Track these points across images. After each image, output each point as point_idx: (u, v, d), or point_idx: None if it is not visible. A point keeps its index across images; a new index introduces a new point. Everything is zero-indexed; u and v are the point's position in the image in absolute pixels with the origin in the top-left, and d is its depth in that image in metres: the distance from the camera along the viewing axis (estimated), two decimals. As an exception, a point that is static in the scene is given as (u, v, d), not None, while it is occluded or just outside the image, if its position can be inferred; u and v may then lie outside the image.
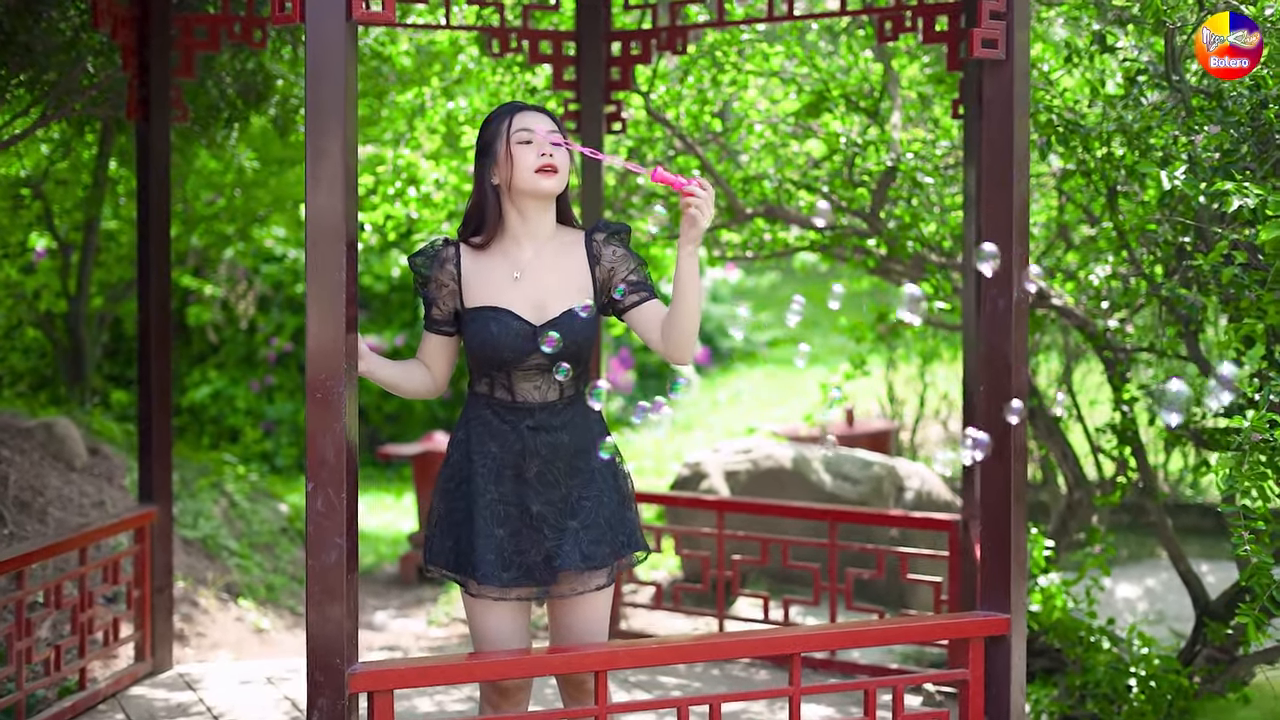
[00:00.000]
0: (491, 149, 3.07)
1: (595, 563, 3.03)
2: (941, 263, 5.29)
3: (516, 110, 3.08)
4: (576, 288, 3.08)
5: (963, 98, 4.51)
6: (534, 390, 3.05)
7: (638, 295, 3.07)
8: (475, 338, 3.04)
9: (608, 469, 3.10)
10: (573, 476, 3.06)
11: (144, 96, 4.60)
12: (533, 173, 3.02)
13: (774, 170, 5.59)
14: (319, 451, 2.77)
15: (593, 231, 3.13)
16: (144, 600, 4.67)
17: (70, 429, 6.23)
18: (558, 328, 3.02)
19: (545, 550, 3.02)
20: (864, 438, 7.64)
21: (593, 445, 3.09)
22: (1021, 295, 3.28)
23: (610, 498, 3.09)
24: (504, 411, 3.06)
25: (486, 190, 3.08)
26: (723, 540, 4.99)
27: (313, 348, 2.77)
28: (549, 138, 3.05)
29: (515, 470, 3.04)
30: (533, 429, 3.04)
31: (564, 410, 3.07)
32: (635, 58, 5.02)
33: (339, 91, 2.77)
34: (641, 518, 3.22)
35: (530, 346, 3.02)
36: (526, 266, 3.08)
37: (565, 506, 3.04)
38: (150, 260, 4.65)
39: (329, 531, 2.78)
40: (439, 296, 3.10)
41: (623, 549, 3.09)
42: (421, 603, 6.86)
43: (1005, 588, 3.27)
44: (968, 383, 4.49)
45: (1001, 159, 3.25)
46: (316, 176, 2.78)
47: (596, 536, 3.04)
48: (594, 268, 3.09)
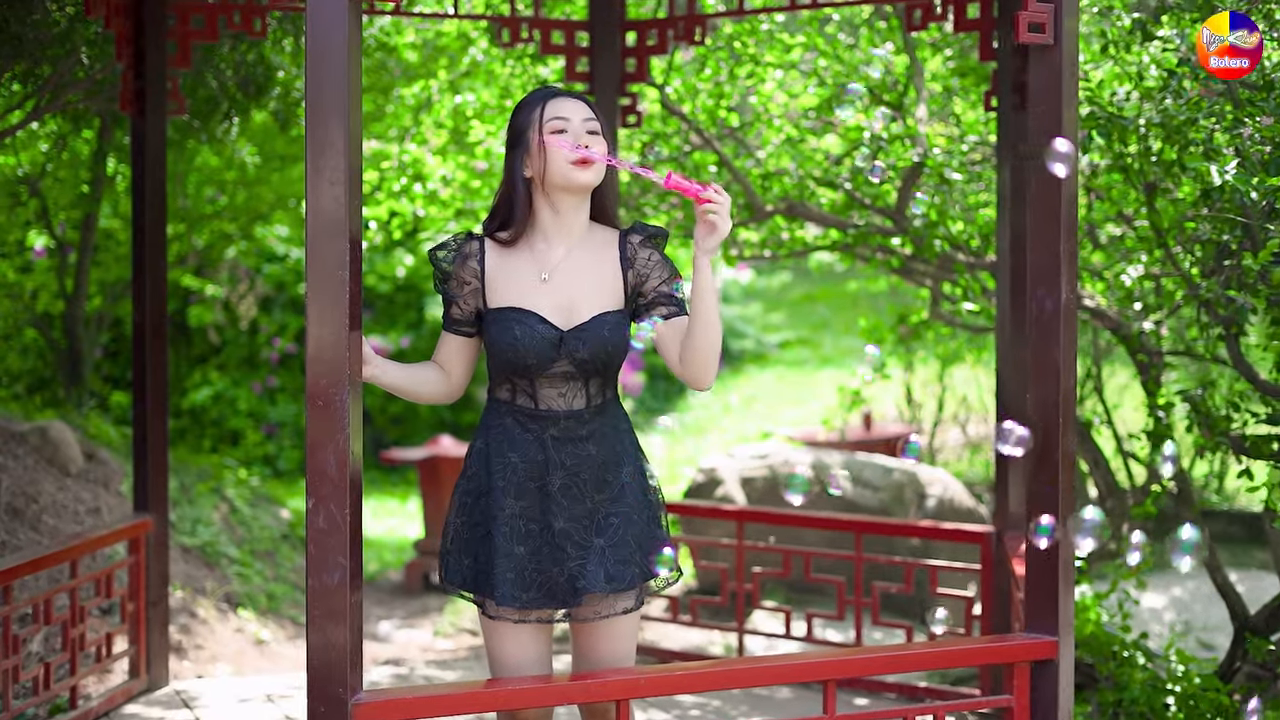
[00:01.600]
0: (524, 138, 2.85)
1: (621, 584, 2.81)
2: (970, 262, 5.08)
3: (550, 97, 2.86)
4: (608, 292, 2.86)
5: (996, 89, 4.30)
6: (559, 398, 2.84)
7: (665, 308, 2.86)
8: (497, 341, 2.83)
9: (637, 484, 2.89)
10: (600, 491, 2.84)
11: (139, 88, 4.40)
12: (567, 165, 2.81)
13: (795, 166, 5.38)
14: (320, 464, 2.57)
15: (628, 233, 2.92)
16: (139, 614, 4.47)
17: (65, 433, 6.03)
18: (586, 335, 2.81)
19: (568, 570, 2.80)
20: (882, 443, 7.44)
21: (622, 458, 2.87)
22: (1070, 296, 3.08)
23: (640, 515, 2.87)
24: (526, 420, 2.85)
25: (517, 182, 2.87)
26: (742, 551, 4.78)
27: (313, 351, 2.57)
28: (585, 126, 2.83)
29: (538, 483, 2.83)
30: (557, 439, 2.83)
31: (591, 420, 2.86)
32: (651, 49, 4.82)
33: (341, 77, 2.57)
34: (671, 537, 3.00)
35: (555, 354, 2.81)
36: (556, 267, 2.87)
37: (591, 523, 2.83)
38: (146, 259, 4.45)
39: (331, 550, 2.58)
40: (460, 294, 2.89)
41: (653, 571, 2.87)
42: (427, 612, 6.67)
43: (1053, 609, 3.07)
44: (1001, 387, 4.29)
45: (1047, 148, 3.05)
46: (318, 168, 2.58)
47: (624, 556, 2.82)
48: (626, 271, 2.88)
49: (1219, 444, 5.25)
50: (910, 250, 5.27)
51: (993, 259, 5.17)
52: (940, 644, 3.25)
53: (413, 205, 5.74)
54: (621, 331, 2.84)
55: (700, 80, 5.51)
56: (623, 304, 2.88)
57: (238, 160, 7.55)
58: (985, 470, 8.04)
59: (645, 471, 2.93)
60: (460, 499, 2.92)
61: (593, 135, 2.84)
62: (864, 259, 5.72)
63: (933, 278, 5.99)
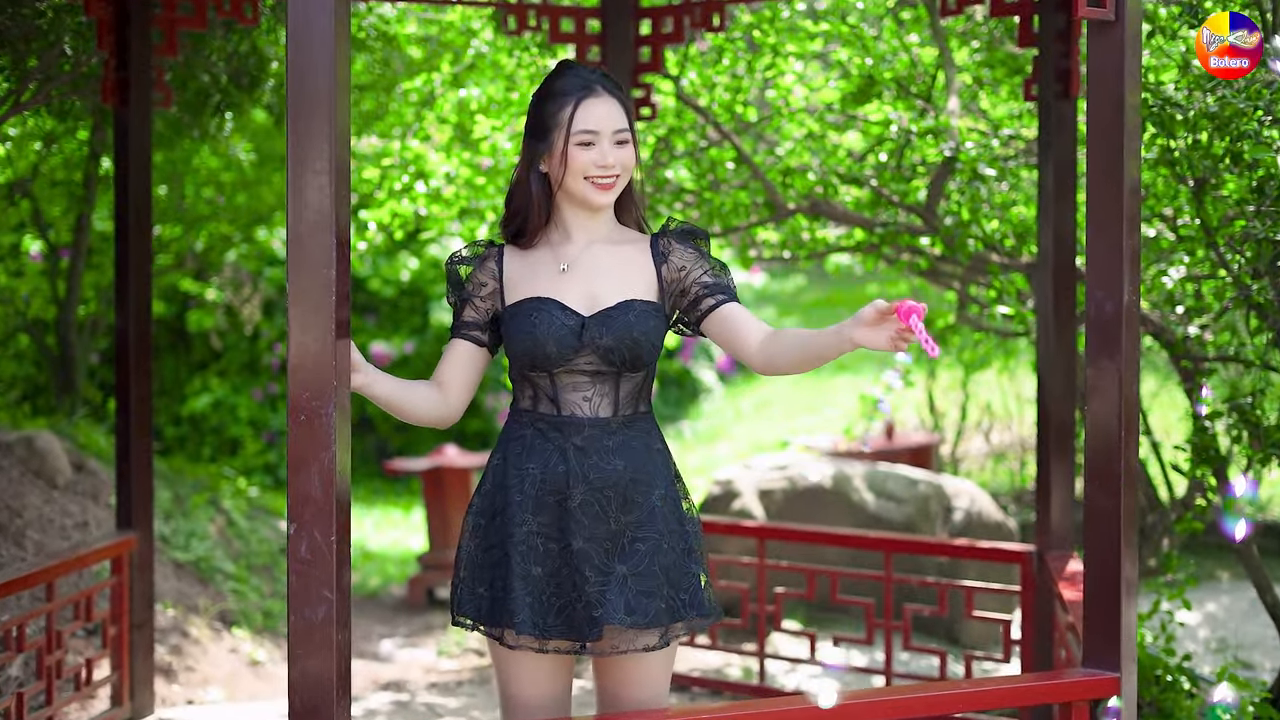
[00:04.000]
0: (548, 137, 2.59)
1: (643, 620, 2.50)
2: (1004, 263, 4.80)
3: (585, 96, 2.57)
4: (637, 283, 2.60)
5: (1036, 77, 4.02)
6: (583, 402, 2.57)
7: (713, 298, 2.59)
8: (516, 334, 2.56)
9: (670, 509, 2.59)
10: (626, 511, 2.55)
11: (122, 78, 4.14)
12: (584, 179, 2.56)
13: (818, 162, 5.09)
14: (303, 486, 2.30)
15: (661, 233, 2.66)
16: (121, 637, 4.19)
17: (53, 443, 5.76)
18: (611, 321, 2.54)
19: (587, 596, 2.51)
20: (905, 452, 7.14)
21: (653, 478, 2.58)
22: (1133, 298, 2.80)
23: (672, 544, 2.57)
24: (548, 429, 2.57)
25: (532, 176, 2.61)
26: (764, 570, 4.50)
27: (295, 359, 2.30)
28: (615, 138, 2.57)
29: (557, 497, 2.54)
30: (580, 449, 2.55)
31: (620, 430, 2.57)
32: (666, 37, 4.54)
33: (326, 56, 2.30)
34: (710, 573, 2.71)
35: (577, 341, 2.54)
36: (576, 259, 2.61)
37: (613, 546, 2.54)
38: (130, 260, 4.17)
39: (315, 582, 2.30)
40: (477, 296, 2.63)
41: (683, 610, 2.56)
42: (431, 630, 6.38)
43: (1115, 642, 2.79)
44: (1043, 394, 4.00)
45: (1110, 138, 2.78)
46: (300, 156, 2.31)
47: (649, 588, 2.52)
48: (660, 266, 2.61)
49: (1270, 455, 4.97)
50: (940, 251, 4.98)
51: (1028, 259, 4.88)
52: (986, 682, 2.97)
53: (415, 205, 5.45)
54: (651, 321, 2.57)
55: (717, 72, 5.23)
56: (656, 297, 2.61)
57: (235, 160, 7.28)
58: (1010, 480, 7.75)
59: (680, 497, 2.64)
60: (474, 520, 2.64)
61: (621, 146, 2.58)
62: (889, 260, 5.43)
63: (960, 280, 5.71)
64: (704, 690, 4.73)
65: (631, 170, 2.62)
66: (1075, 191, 3.94)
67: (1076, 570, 3.72)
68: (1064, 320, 3.96)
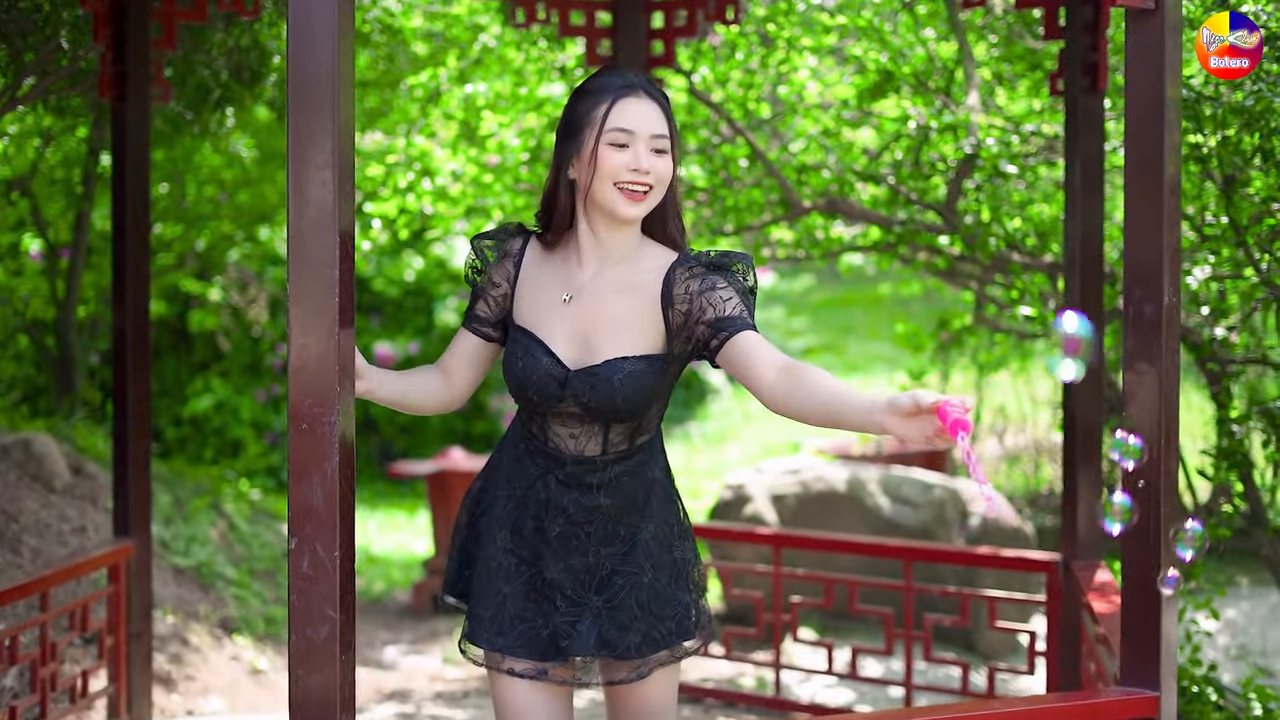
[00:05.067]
0: (578, 138, 2.38)
1: (614, 652, 2.39)
2: (1025, 263, 4.67)
3: (621, 94, 2.36)
4: (638, 331, 2.38)
5: (1062, 70, 3.89)
6: (569, 439, 2.43)
7: (717, 338, 2.33)
8: (505, 366, 2.44)
9: (658, 540, 2.45)
10: (607, 544, 2.43)
11: (119, 72, 4.01)
12: (613, 187, 2.34)
13: (834, 159, 4.96)
14: (304, 498, 2.17)
15: (678, 264, 2.40)
16: (118, 648, 4.07)
17: (50, 446, 5.64)
18: (595, 380, 2.36)
19: (554, 624, 2.40)
20: (918, 456, 7.01)
21: (643, 511, 2.44)
22: (1173, 299, 2.67)
23: (657, 575, 2.44)
24: (535, 452, 2.46)
25: (561, 182, 2.42)
26: (779, 579, 4.37)
27: (296, 363, 2.17)
28: (652, 144, 2.35)
29: (536, 523, 2.44)
30: (563, 483, 2.42)
31: (607, 468, 2.42)
32: (679, 30, 4.41)
33: (329, 45, 2.17)
34: (705, 596, 2.58)
35: (560, 393, 2.38)
36: (582, 288, 2.42)
37: (590, 578, 2.42)
38: (128, 259, 4.05)
39: (318, 600, 2.17)
40: (490, 294, 2.49)
41: (667, 639, 2.44)
42: (436, 636, 6.25)
43: (1154, 661, 2.66)
44: (1070, 398, 3.87)
45: (1149, 132, 2.65)
46: (302, 151, 2.18)
47: (624, 621, 2.39)
48: (666, 310, 2.38)
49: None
50: (959, 250, 4.84)
51: (1049, 259, 4.76)
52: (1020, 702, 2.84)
53: (420, 202, 5.32)
54: (641, 383, 2.36)
55: (731, 67, 5.10)
56: (660, 347, 2.39)
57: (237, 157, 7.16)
58: (1025, 483, 7.62)
59: (673, 524, 2.50)
60: (470, 506, 2.58)
61: (659, 155, 2.36)
62: (905, 260, 5.29)
63: (978, 280, 5.58)
64: (717, 702, 4.60)
65: (666, 183, 2.39)
66: (1103, 189, 3.81)
67: (1106, 580, 3.60)
68: (1093, 321, 3.82)
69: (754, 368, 2.27)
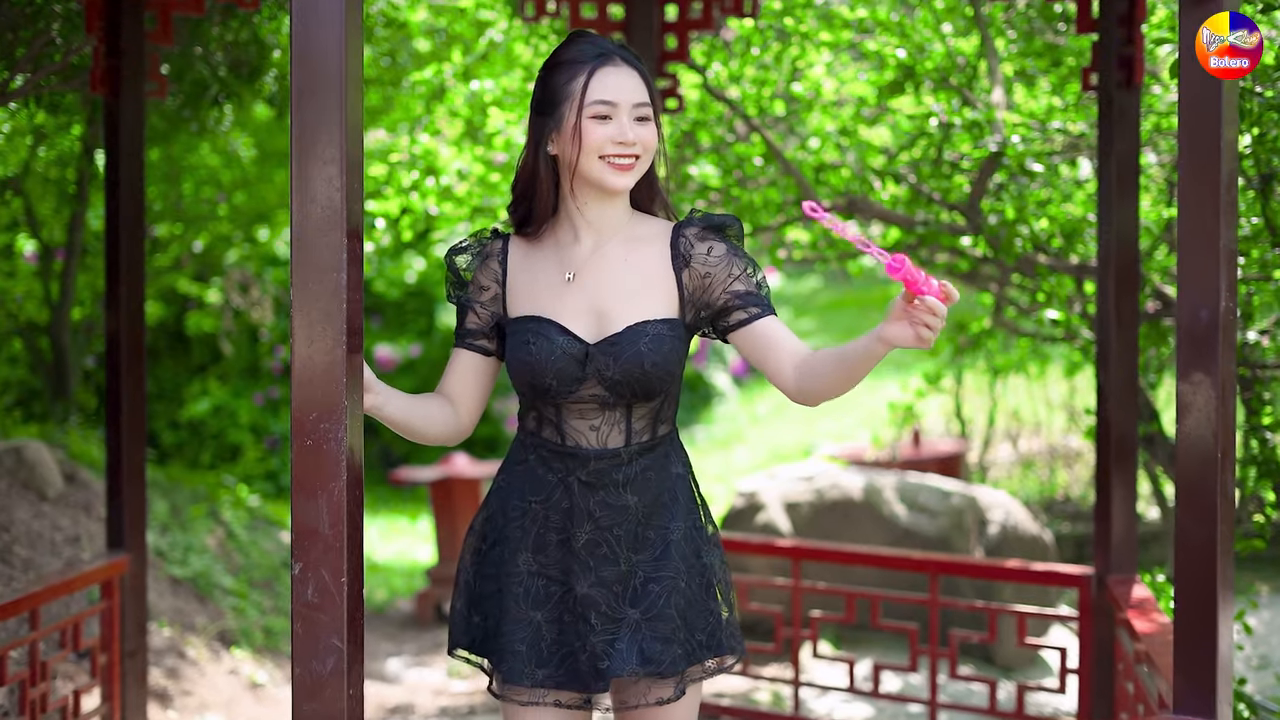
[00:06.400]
0: (556, 111, 2.26)
1: (659, 668, 2.23)
2: (1051, 264, 4.51)
3: (599, 64, 2.24)
4: (653, 296, 2.27)
5: (1096, 64, 3.73)
6: (589, 431, 2.27)
7: (744, 311, 2.26)
8: (512, 358, 2.27)
9: (689, 542, 2.30)
10: (638, 550, 2.27)
11: (113, 65, 3.85)
12: (598, 159, 2.23)
13: (854, 157, 4.80)
14: (308, 520, 2.01)
15: (684, 225, 2.31)
16: (112, 667, 3.91)
17: (43, 453, 5.48)
18: (618, 350, 2.23)
19: (591, 646, 2.24)
20: (933, 461, 6.85)
21: (671, 510, 2.29)
22: (1230, 304, 2.52)
23: (690, 580, 2.29)
24: (551, 457, 2.29)
25: (540, 158, 2.29)
26: (798, 592, 4.21)
27: (301, 376, 2.01)
28: (635, 113, 2.24)
29: (560, 535, 2.27)
30: (586, 484, 2.26)
31: (632, 462, 2.27)
32: (694, 23, 4.25)
33: (336, 27, 2.01)
34: (735, 609, 2.42)
35: (580, 372, 2.23)
36: (584, 263, 2.29)
37: (623, 589, 2.26)
38: (122, 259, 3.88)
39: (324, 630, 2.01)
40: (478, 301, 2.33)
41: (699, 652, 2.28)
42: (440, 648, 6.10)
43: (1210, 688, 2.50)
44: (1104, 406, 3.71)
45: (1205, 126, 2.49)
46: (306, 144, 2.02)
47: (665, 633, 2.24)
48: (681, 272, 2.28)
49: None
50: (982, 251, 4.68)
51: (1075, 261, 4.60)
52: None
53: (424, 202, 5.16)
54: (667, 346, 2.24)
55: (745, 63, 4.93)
56: (675, 312, 2.28)
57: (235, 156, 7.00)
58: (1039, 489, 7.46)
59: (700, 527, 2.35)
60: (474, 543, 2.39)
61: (642, 123, 2.26)
62: (925, 263, 5.13)
63: (997, 282, 5.42)
64: (733, 719, 4.44)
65: (653, 151, 2.29)
66: (1138, 189, 3.66)
67: (1144, 596, 3.44)
68: (1126, 325, 3.67)
69: (781, 354, 2.25)
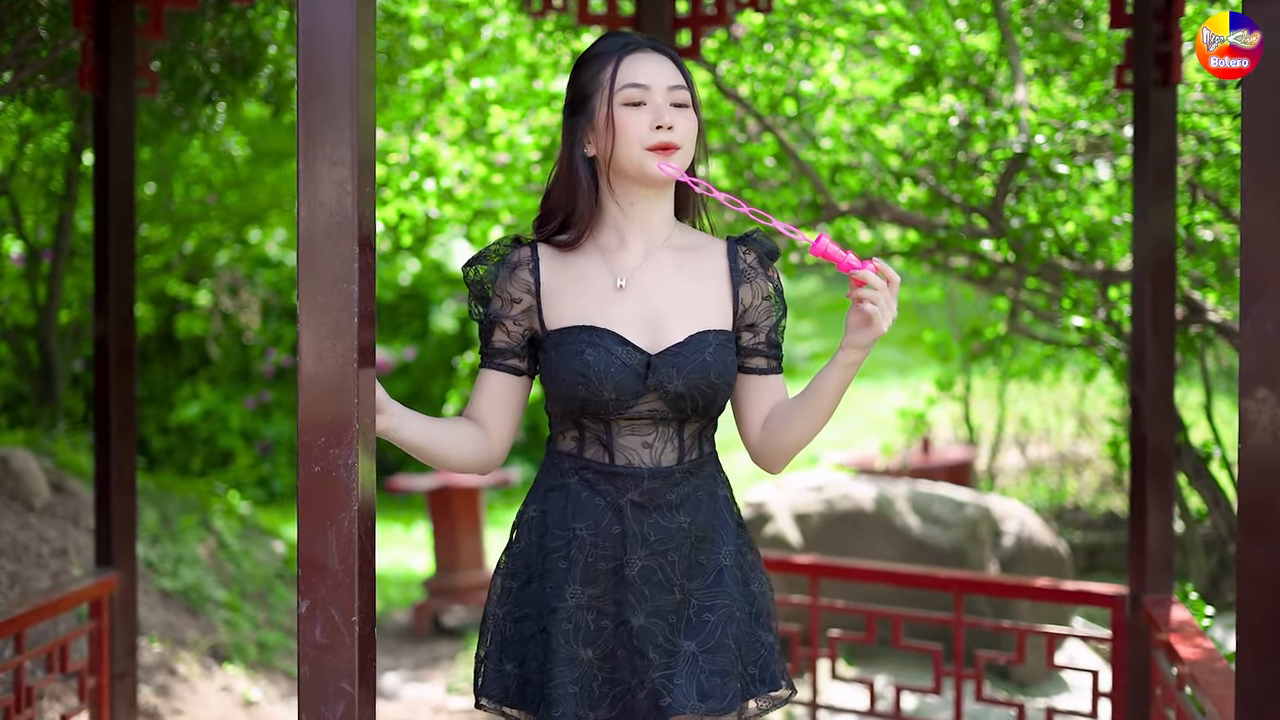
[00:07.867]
0: (588, 106, 2.13)
1: (719, 704, 2.07)
2: (1077, 269, 4.36)
3: (626, 51, 2.12)
4: (710, 306, 2.14)
5: (1130, 62, 3.58)
6: (643, 449, 2.11)
7: (766, 361, 2.19)
8: (563, 371, 2.09)
9: (739, 569, 2.16)
10: (691, 576, 2.12)
11: (102, 60, 3.68)
12: (641, 149, 2.08)
13: (871, 158, 4.64)
14: (316, 553, 1.84)
15: (740, 242, 2.19)
16: (101, 690, 3.73)
17: (29, 462, 5.30)
18: (682, 360, 2.08)
19: (650, 683, 2.07)
20: (943, 469, 6.69)
21: (720, 533, 2.14)
22: (1297, 315, 2.35)
23: (742, 608, 2.14)
24: (598, 479, 2.12)
25: (577, 163, 2.14)
26: (817, 611, 4.05)
27: (308, 394, 1.84)
28: (670, 97, 2.11)
29: (611, 564, 2.10)
30: (639, 505, 2.10)
31: (684, 481, 2.12)
32: (707, 18, 4.09)
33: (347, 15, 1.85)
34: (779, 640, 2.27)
35: (641, 386, 2.08)
36: (636, 270, 2.13)
37: (678, 620, 2.10)
38: (110, 261, 3.71)
39: (333, 672, 1.85)
40: (508, 315, 2.15)
41: (753, 686, 2.14)
42: (438, 661, 5.93)
43: None
44: (1139, 417, 3.56)
45: (1273, 124, 2.33)
46: (314, 144, 1.85)
47: (723, 666, 2.09)
48: (739, 287, 2.16)
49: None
50: (1004, 255, 4.53)
51: (1100, 266, 4.45)
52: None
53: (424, 205, 4.99)
54: (730, 358, 2.12)
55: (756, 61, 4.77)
56: (730, 325, 2.16)
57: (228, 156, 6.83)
58: (1049, 496, 7.31)
59: (745, 551, 2.21)
60: (503, 583, 2.20)
61: (679, 109, 2.11)
62: (940, 267, 4.97)
63: (1014, 286, 5.26)
64: (746, 740, 4.27)
65: (693, 141, 2.14)
66: (1175, 191, 3.51)
67: (1184, 618, 3.29)
68: (1163, 333, 3.52)
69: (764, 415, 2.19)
